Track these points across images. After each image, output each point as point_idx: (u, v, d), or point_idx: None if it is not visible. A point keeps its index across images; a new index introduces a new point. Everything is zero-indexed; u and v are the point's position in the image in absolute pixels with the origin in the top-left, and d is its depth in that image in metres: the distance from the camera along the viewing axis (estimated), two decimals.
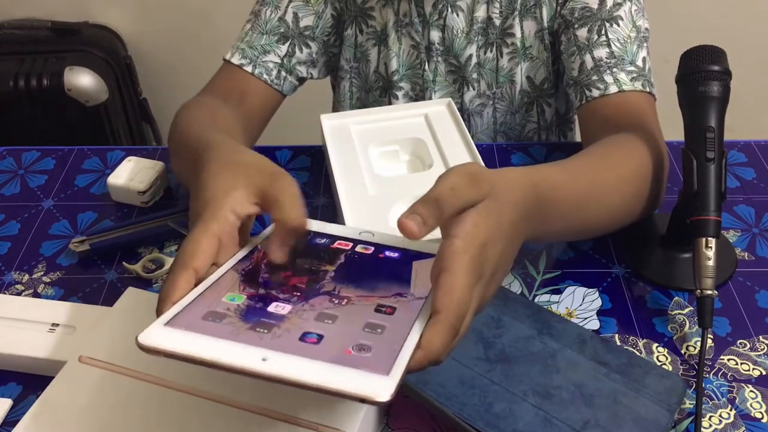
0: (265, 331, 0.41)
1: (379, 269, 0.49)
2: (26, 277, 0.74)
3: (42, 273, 0.74)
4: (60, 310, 0.66)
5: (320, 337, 0.41)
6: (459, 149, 0.77)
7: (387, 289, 0.46)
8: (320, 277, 0.48)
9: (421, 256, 0.51)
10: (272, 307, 0.44)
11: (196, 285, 0.45)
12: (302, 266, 0.50)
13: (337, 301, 0.45)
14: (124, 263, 0.74)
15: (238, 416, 0.52)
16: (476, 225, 0.46)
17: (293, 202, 0.50)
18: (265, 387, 0.54)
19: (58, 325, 0.64)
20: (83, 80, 1.68)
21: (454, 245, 0.44)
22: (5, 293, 0.72)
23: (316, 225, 0.54)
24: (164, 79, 1.93)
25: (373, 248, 0.52)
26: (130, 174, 0.82)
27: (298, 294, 0.46)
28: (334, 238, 0.53)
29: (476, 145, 0.77)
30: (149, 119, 1.94)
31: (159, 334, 0.40)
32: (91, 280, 0.73)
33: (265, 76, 0.86)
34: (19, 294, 0.71)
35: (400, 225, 0.45)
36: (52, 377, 0.55)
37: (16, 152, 0.92)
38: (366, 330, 0.42)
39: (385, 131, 0.81)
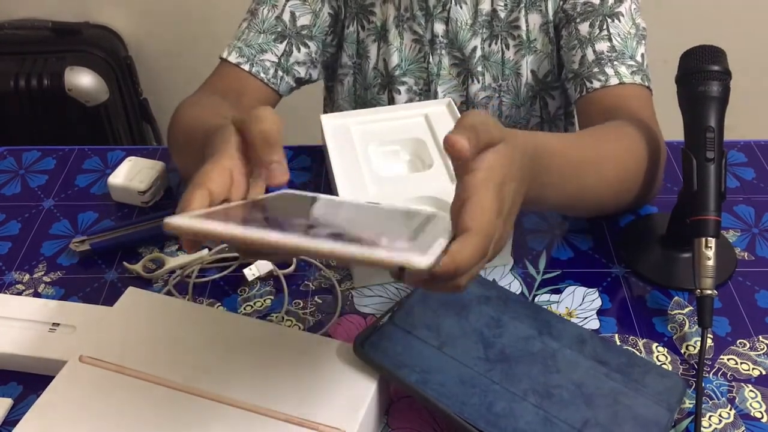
0: (296, 224, 0.40)
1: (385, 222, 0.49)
2: (27, 276, 0.74)
3: (42, 273, 0.74)
4: (60, 309, 0.66)
5: (352, 234, 0.40)
6: None
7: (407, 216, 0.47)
8: (336, 217, 0.48)
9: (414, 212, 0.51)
10: (296, 220, 0.43)
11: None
12: (314, 211, 0.49)
13: (362, 224, 0.45)
14: (124, 263, 0.74)
15: (238, 416, 0.52)
16: (495, 160, 0.47)
17: (271, 115, 0.48)
18: (265, 387, 0.54)
19: (58, 324, 0.64)
20: (84, 80, 1.68)
21: (477, 177, 0.46)
22: (6, 293, 0.72)
23: (322, 197, 0.54)
24: (164, 79, 1.93)
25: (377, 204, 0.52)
26: (131, 174, 0.82)
27: (318, 224, 0.45)
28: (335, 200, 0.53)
29: None
30: (149, 119, 1.94)
31: (184, 217, 0.39)
32: (92, 279, 0.73)
33: (262, 74, 0.86)
34: (19, 294, 0.72)
35: (450, 141, 0.45)
36: (53, 377, 0.55)
37: (17, 152, 0.92)
38: (394, 233, 0.42)
39: (385, 131, 0.81)
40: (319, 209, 0.50)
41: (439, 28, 0.91)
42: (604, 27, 0.82)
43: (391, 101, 0.96)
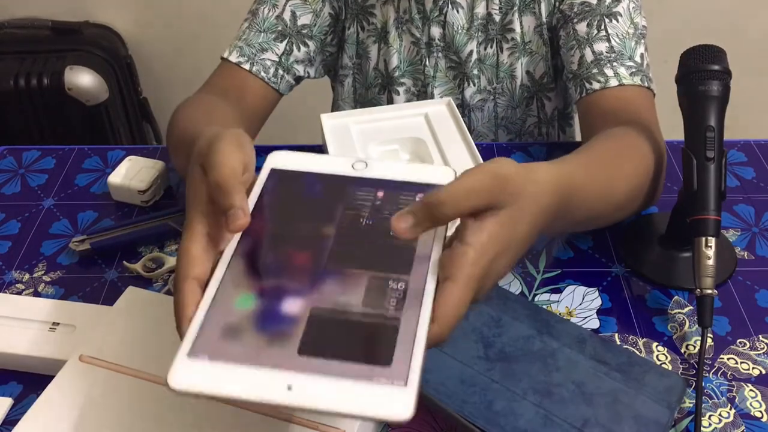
0: (284, 347, 0.41)
1: (382, 222, 0.48)
2: (27, 276, 0.74)
3: (42, 272, 0.74)
4: (60, 309, 0.66)
5: (336, 344, 0.41)
6: (459, 148, 0.77)
7: (394, 251, 0.46)
8: (322, 248, 0.46)
9: (424, 187, 0.49)
10: (285, 306, 0.43)
11: (204, 289, 0.45)
12: (302, 233, 0.48)
13: (344, 280, 0.44)
14: (124, 262, 0.74)
15: (237, 416, 0.52)
16: (491, 237, 0.44)
17: (224, 159, 0.46)
18: None
19: (58, 324, 0.64)
20: (84, 80, 1.68)
21: (467, 255, 0.43)
22: (6, 292, 0.72)
23: (307, 164, 0.52)
24: (164, 79, 1.93)
25: (372, 190, 0.50)
26: (131, 173, 0.82)
27: (305, 278, 0.45)
28: (325, 178, 0.51)
29: (477, 144, 0.77)
30: (149, 119, 1.94)
31: (185, 373, 0.40)
32: (92, 279, 0.73)
33: (262, 73, 0.86)
34: (19, 293, 0.72)
35: (392, 223, 0.44)
36: (53, 376, 0.55)
37: (17, 151, 0.92)
38: (379, 319, 0.42)
39: (385, 130, 0.81)
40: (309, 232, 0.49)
41: (436, 31, 0.91)
42: (602, 27, 0.81)
43: (390, 102, 0.96)
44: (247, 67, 0.86)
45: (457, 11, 0.89)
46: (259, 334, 0.42)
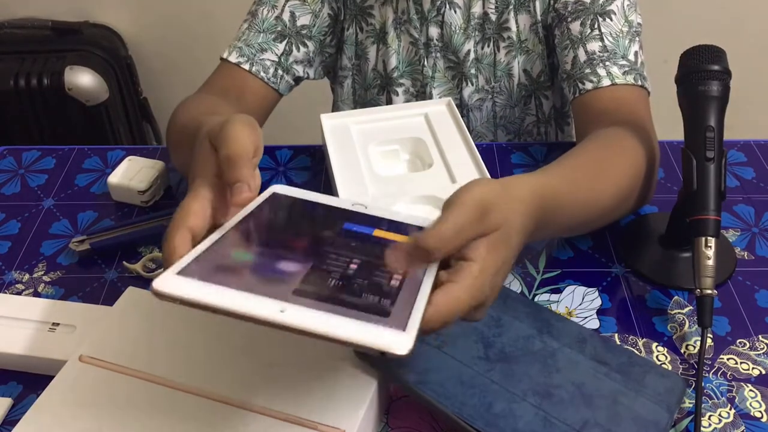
0: (279, 284, 0.41)
1: (379, 238, 0.50)
2: (26, 276, 0.74)
3: (42, 272, 0.74)
4: (60, 309, 0.66)
5: (335, 289, 0.41)
6: (459, 149, 0.77)
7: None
8: (324, 241, 0.48)
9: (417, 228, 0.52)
10: (282, 264, 0.44)
11: (194, 245, 0.45)
12: (302, 231, 0.50)
13: (345, 260, 0.45)
14: (124, 263, 0.74)
15: (238, 416, 0.52)
16: (489, 252, 0.47)
17: (237, 135, 0.48)
18: (265, 386, 0.54)
19: (58, 324, 0.64)
20: (84, 80, 1.68)
21: (471, 269, 0.45)
22: (5, 293, 0.72)
23: (306, 195, 0.55)
24: (164, 79, 1.93)
25: (370, 221, 0.52)
26: (130, 173, 0.82)
27: (305, 253, 0.46)
28: (327, 208, 0.54)
29: (476, 145, 0.77)
30: (149, 119, 1.94)
31: (174, 282, 0.40)
32: (92, 279, 0.73)
33: (262, 74, 0.86)
34: (19, 293, 0.72)
35: (386, 257, 0.46)
36: (52, 377, 0.55)
37: (17, 152, 0.92)
38: (378, 284, 0.43)
39: (385, 131, 0.81)
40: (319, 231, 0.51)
41: (434, 31, 0.91)
42: (596, 26, 0.81)
43: (390, 102, 0.96)
44: (246, 67, 0.86)
45: (455, 11, 0.89)
46: (254, 274, 0.43)
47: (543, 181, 0.56)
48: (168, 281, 0.40)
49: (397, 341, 0.38)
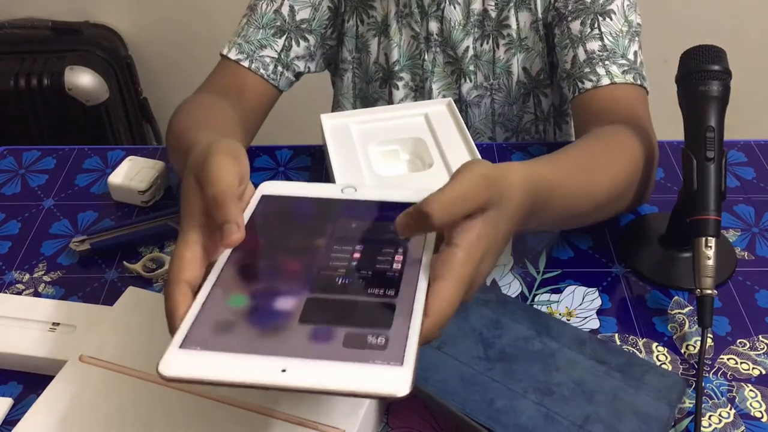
0: (278, 335, 0.41)
1: (370, 228, 0.50)
2: (27, 276, 0.74)
3: (42, 272, 0.74)
4: (60, 309, 0.66)
5: (330, 332, 0.41)
6: (459, 149, 0.77)
7: (384, 251, 0.47)
8: (314, 253, 0.48)
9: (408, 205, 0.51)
10: (278, 303, 0.44)
11: (195, 294, 0.45)
12: (294, 244, 0.49)
13: (337, 280, 0.45)
14: (124, 263, 0.74)
15: (238, 416, 0.52)
16: (479, 237, 0.46)
17: (220, 174, 0.47)
18: None
19: (58, 324, 0.64)
20: (84, 80, 1.68)
21: (455, 257, 0.45)
22: (6, 292, 0.72)
23: (296, 190, 0.54)
24: (164, 79, 1.93)
25: (362, 208, 0.52)
26: (131, 173, 0.82)
27: (298, 280, 0.46)
28: (315, 201, 0.53)
29: (476, 145, 0.77)
30: (150, 119, 1.94)
31: (178, 361, 0.40)
32: (92, 279, 0.73)
33: (261, 71, 0.86)
34: (19, 293, 0.72)
35: (396, 224, 0.46)
36: (53, 377, 0.55)
37: (17, 152, 0.92)
38: (372, 310, 0.43)
39: (385, 131, 0.81)
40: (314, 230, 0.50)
41: (434, 26, 0.91)
42: (596, 25, 0.82)
43: (391, 95, 0.96)
44: (246, 64, 0.86)
45: (454, 7, 0.89)
46: (252, 326, 0.43)
47: (535, 169, 0.56)
48: (171, 361, 0.40)
49: (396, 383, 0.38)
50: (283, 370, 0.39)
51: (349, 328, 0.41)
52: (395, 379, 0.38)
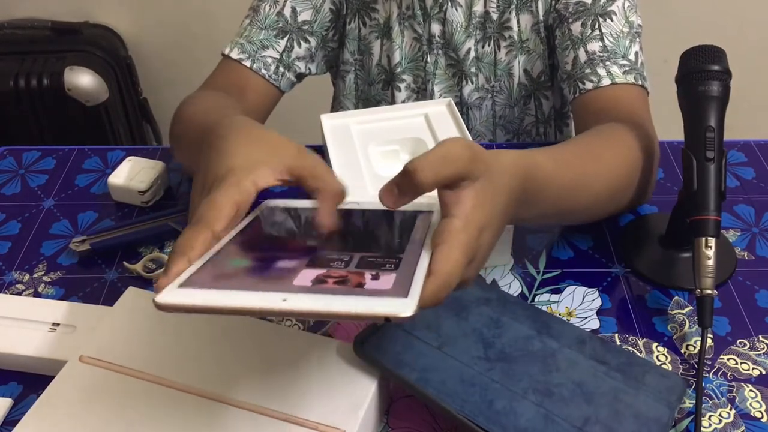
0: (280, 280, 0.42)
1: (372, 230, 0.51)
2: (27, 276, 0.74)
3: (42, 272, 0.74)
4: (60, 309, 0.66)
5: (334, 278, 0.42)
6: None
7: (387, 236, 0.48)
8: (318, 238, 0.48)
9: (415, 213, 0.52)
10: (280, 264, 0.44)
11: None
12: (298, 232, 0.51)
13: (341, 251, 0.46)
14: (124, 263, 0.74)
15: (238, 416, 0.52)
16: (475, 207, 0.46)
17: (329, 172, 0.51)
18: (265, 386, 0.54)
19: (58, 324, 0.64)
20: (83, 80, 1.68)
21: (452, 224, 0.45)
22: (6, 293, 0.72)
23: (298, 203, 0.55)
24: (164, 79, 1.93)
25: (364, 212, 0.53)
26: (131, 174, 0.82)
27: (301, 252, 0.46)
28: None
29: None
30: (149, 119, 1.94)
31: (176, 294, 0.40)
32: (92, 279, 0.73)
33: (263, 71, 0.86)
34: (19, 293, 0.72)
35: (379, 196, 0.47)
36: (53, 377, 0.55)
37: (17, 152, 0.92)
38: (376, 268, 0.43)
39: (385, 131, 0.81)
40: (300, 232, 0.51)
41: (436, 28, 0.91)
42: (596, 27, 0.82)
43: (393, 97, 0.96)
44: (248, 64, 0.86)
45: (456, 9, 0.90)
46: (254, 275, 0.43)
47: (529, 155, 0.57)
48: (170, 294, 0.40)
49: (401, 305, 0.38)
50: (284, 300, 0.39)
51: (353, 276, 0.42)
52: (400, 304, 0.38)
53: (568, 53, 0.83)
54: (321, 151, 0.88)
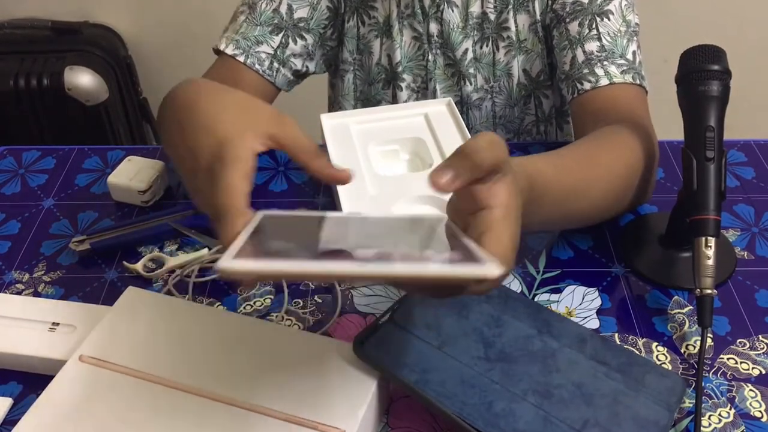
0: (340, 257, 0.39)
1: (392, 234, 0.49)
2: (27, 276, 0.74)
3: (42, 272, 0.74)
4: (60, 309, 0.66)
5: (397, 253, 0.40)
6: None
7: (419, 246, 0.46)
8: (348, 233, 0.47)
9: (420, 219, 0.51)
10: (325, 244, 0.42)
11: None
12: (316, 231, 0.48)
13: (383, 242, 0.44)
14: (124, 263, 0.74)
15: (238, 416, 0.52)
16: (510, 195, 0.46)
17: (310, 141, 0.51)
18: (265, 386, 0.54)
19: (58, 324, 0.64)
20: (83, 80, 1.68)
21: (493, 214, 0.45)
22: (5, 292, 0.72)
23: (297, 213, 0.53)
24: (164, 79, 1.92)
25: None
26: (131, 173, 0.82)
27: (340, 243, 0.44)
28: (321, 217, 0.51)
29: None
30: (149, 119, 1.94)
31: (235, 262, 0.37)
32: (92, 279, 0.73)
33: (257, 66, 0.86)
34: (19, 293, 0.72)
35: (431, 180, 0.44)
36: (53, 376, 0.55)
37: (17, 151, 0.92)
38: (431, 250, 0.42)
39: (385, 131, 0.81)
40: (331, 228, 0.49)
41: (434, 28, 0.91)
42: (594, 26, 0.82)
43: (395, 97, 0.96)
44: (242, 59, 0.86)
45: (452, 10, 0.89)
46: (310, 253, 0.40)
47: (531, 161, 0.56)
48: (230, 262, 0.37)
49: (487, 266, 0.36)
50: (361, 264, 0.36)
51: (411, 254, 0.40)
52: (483, 263, 0.36)
53: (566, 53, 0.83)
54: (321, 150, 0.88)
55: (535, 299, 0.69)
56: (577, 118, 0.82)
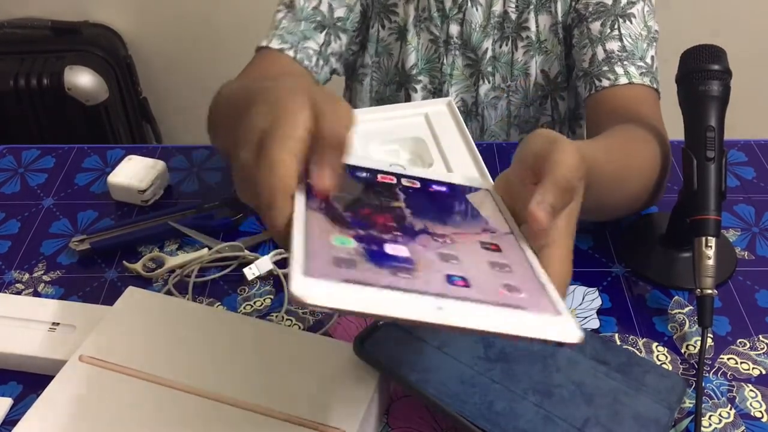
0: (409, 276, 0.38)
1: (442, 204, 0.47)
2: (26, 276, 0.74)
3: (42, 272, 0.74)
4: (60, 309, 0.66)
5: (464, 279, 0.39)
6: (459, 149, 0.77)
7: (468, 225, 0.45)
8: (398, 215, 0.44)
9: (465, 188, 0.50)
10: (389, 249, 0.40)
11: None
12: (369, 202, 0.45)
13: (440, 240, 0.43)
14: (124, 262, 0.74)
15: (238, 416, 0.52)
16: (574, 207, 0.45)
17: (346, 113, 0.44)
18: (265, 386, 0.54)
19: (58, 324, 0.64)
20: (83, 79, 1.68)
21: (558, 225, 0.43)
22: (5, 292, 0.72)
23: (348, 183, 0.49)
24: (164, 79, 1.93)
25: (418, 182, 0.49)
26: (131, 173, 0.82)
27: (398, 234, 0.42)
28: (371, 171, 0.49)
29: (477, 144, 0.77)
30: (149, 118, 1.94)
31: (312, 288, 0.35)
32: (92, 279, 0.73)
33: (306, 62, 0.85)
34: (19, 293, 0.72)
35: (530, 215, 0.42)
36: (53, 376, 0.55)
37: (16, 151, 0.92)
38: (497, 269, 0.40)
39: (385, 131, 0.81)
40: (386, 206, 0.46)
41: (454, 29, 0.92)
42: (616, 27, 0.82)
43: (408, 99, 0.97)
44: (291, 54, 0.84)
45: (476, 9, 0.90)
46: (375, 266, 0.38)
47: (587, 146, 0.56)
48: (306, 288, 0.35)
49: (565, 330, 0.36)
50: (439, 308, 0.35)
51: (480, 277, 0.39)
52: (562, 325, 0.36)
53: (586, 51, 0.84)
54: None
55: None
56: (592, 116, 0.82)
